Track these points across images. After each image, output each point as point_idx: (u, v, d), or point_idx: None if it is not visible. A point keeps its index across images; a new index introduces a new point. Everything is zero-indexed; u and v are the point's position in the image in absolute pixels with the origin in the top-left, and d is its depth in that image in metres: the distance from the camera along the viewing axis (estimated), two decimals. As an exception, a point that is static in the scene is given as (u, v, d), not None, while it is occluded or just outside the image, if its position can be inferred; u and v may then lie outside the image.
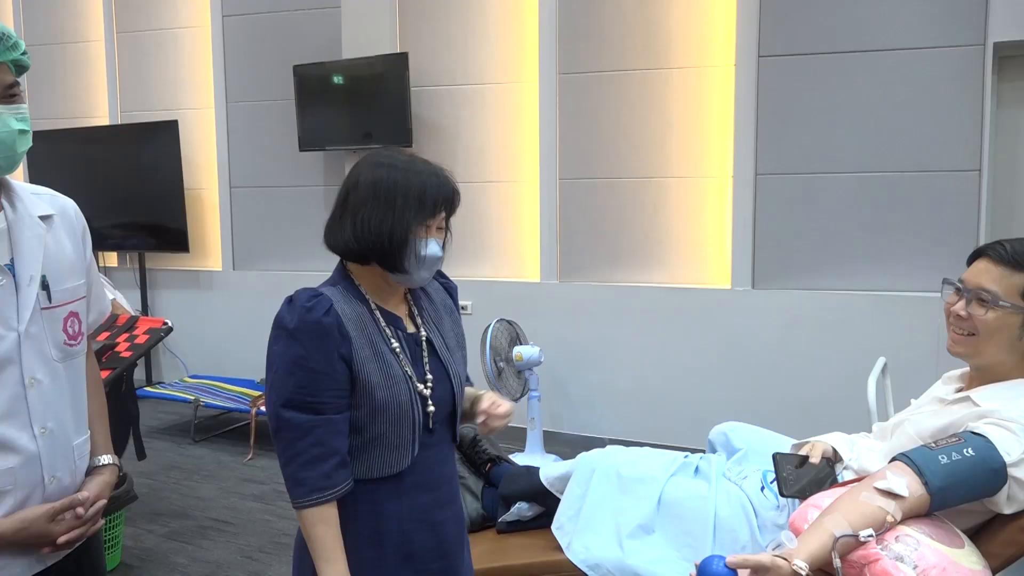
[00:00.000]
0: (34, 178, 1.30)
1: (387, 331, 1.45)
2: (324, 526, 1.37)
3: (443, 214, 1.46)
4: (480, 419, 1.54)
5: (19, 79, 1.36)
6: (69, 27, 5.84)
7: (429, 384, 1.47)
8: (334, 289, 1.44)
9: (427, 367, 1.49)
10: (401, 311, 1.51)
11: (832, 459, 1.89)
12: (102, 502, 1.47)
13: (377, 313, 1.46)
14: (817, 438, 1.96)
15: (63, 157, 5.49)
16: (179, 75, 5.63)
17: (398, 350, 1.45)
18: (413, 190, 1.41)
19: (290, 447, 1.37)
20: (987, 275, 1.65)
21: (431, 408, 1.47)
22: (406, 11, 4.83)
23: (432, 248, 1.44)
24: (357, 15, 4.91)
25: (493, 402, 1.55)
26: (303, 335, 1.36)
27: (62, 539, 1.38)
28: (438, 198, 1.43)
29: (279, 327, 1.39)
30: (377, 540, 1.43)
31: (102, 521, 1.51)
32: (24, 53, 1.36)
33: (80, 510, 1.41)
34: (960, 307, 1.68)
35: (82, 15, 5.86)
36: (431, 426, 1.47)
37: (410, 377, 1.44)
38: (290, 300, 1.41)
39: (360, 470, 1.42)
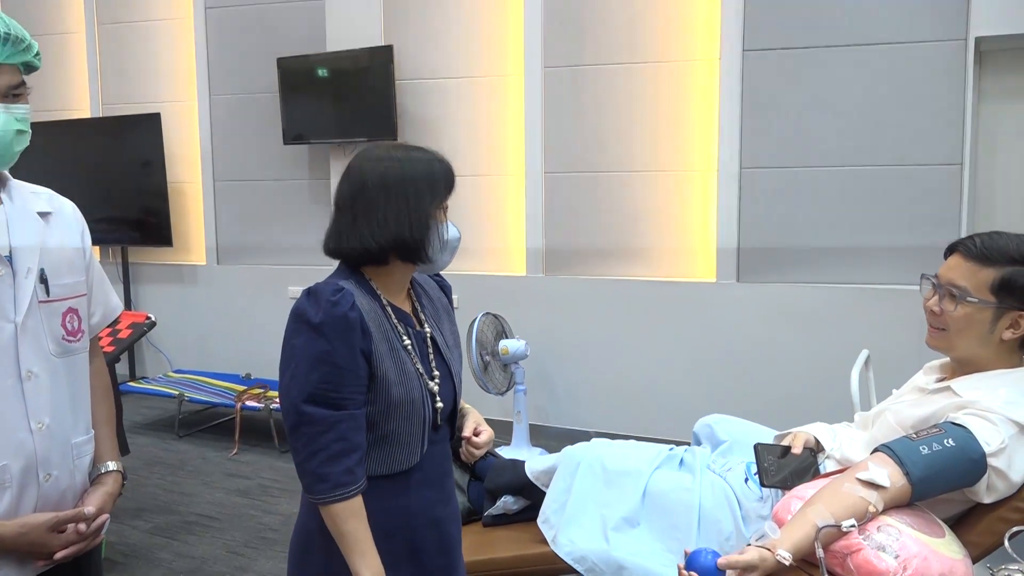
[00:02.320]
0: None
1: (399, 328, 1.44)
2: (355, 520, 1.36)
3: (449, 195, 1.46)
4: (463, 444, 1.55)
5: (26, 78, 1.35)
6: (49, 18, 5.77)
7: (437, 381, 1.48)
8: (349, 283, 1.40)
9: (433, 364, 1.49)
10: (407, 308, 1.51)
11: (814, 449, 1.90)
12: (104, 517, 1.45)
13: (389, 309, 1.44)
14: (799, 428, 1.97)
15: (44, 150, 5.34)
16: (162, 67, 5.58)
17: (410, 347, 1.44)
18: (422, 177, 1.41)
19: (312, 442, 1.34)
20: (958, 270, 1.66)
21: (439, 404, 1.47)
22: (391, 4, 4.80)
23: (452, 231, 1.46)
24: (342, 7, 4.88)
25: (475, 428, 1.55)
26: (329, 330, 1.34)
27: (59, 555, 1.36)
28: (448, 180, 1.45)
29: (301, 320, 1.36)
30: (386, 537, 1.42)
31: (102, 536, 1.47)
32: (37, 55, 1.36)
33: (82, 526, 1.39)
34: (933, 302, 1.70)
35: (62, 6, 5.78)
36: (439, 423, 1.48)
37: (421, 374, 1.45)
38: (309, 292, 1.38)
39: (371, 467, 1.41)
